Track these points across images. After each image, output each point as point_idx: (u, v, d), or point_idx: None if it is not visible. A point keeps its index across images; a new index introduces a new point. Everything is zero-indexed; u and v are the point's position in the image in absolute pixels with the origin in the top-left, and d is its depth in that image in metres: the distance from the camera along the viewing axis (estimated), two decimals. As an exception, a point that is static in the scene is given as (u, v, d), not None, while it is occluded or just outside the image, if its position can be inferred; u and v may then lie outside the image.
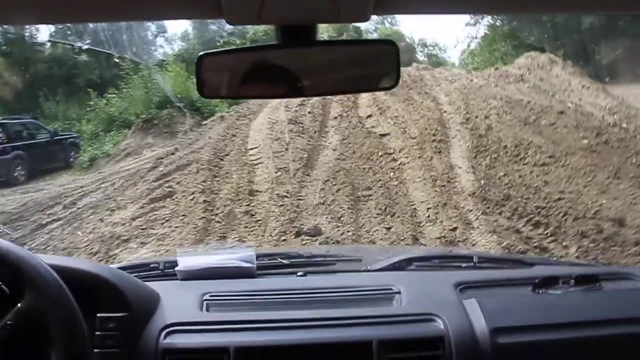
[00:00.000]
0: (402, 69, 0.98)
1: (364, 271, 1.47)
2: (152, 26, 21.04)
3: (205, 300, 1.22)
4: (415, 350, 1.11)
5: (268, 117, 8.69)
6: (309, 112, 8.60)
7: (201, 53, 0.89)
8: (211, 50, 0.90)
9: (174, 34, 22.53)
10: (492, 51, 16.31)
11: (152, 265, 1.47)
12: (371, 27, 26.05)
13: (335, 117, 8.52)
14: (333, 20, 0.80)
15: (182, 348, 1.10)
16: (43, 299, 0.94)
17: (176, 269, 1.39)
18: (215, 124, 9.73)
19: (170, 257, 1.46)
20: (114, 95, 13.58)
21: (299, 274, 1.43)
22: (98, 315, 1.08)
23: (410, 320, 1.16)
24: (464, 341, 1.11)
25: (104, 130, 12.77)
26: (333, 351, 1.11)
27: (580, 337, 1.14)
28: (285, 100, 9.28)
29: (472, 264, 1.48)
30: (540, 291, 1.30)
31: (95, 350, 1.06)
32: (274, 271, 1.47)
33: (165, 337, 1.11)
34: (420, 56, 22.19)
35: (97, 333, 1.07)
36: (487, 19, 16.99)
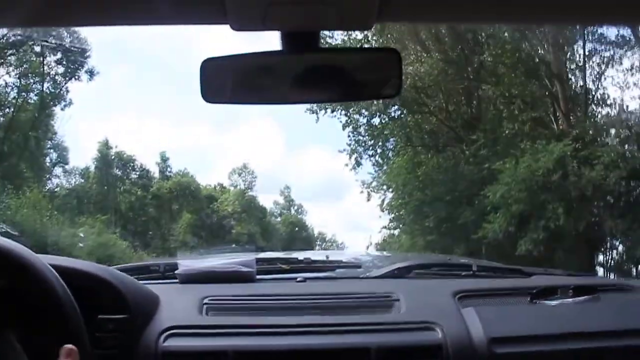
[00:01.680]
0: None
1: (364, 278, 1.53)
2: (54, 154, 18.58)
3: (205, 303, 1.25)
4: (413, 357, 1.13)
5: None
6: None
7: (205, 57, 0.91)
8: (215, 55, 0.91)
9: (75, 167, 20.00)
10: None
11: (152, 268, 1.52)
12: (276, 211, 26.86)
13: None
14: (337, 27, 0.84)
15: (182, 351, 1.12)
16: (44, 299, 0.96)
17: (176, 271, 1.43)
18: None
19: (171, 259, 1.52)
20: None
21: (298, 279, 1.47)
22: (98, 316, 1.10)
23: (409, 328, 1.18)
24: (461, 350, 1.13)
25: None
26: (331, 357, 1.13)
27: (577, 348, 1.15)
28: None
29: (471, 272, 1.53)
30: (538, 301, 1.32)
31: (95, 351, 1.08)
32: (273, 276, 1.52)
33: (164, 340, 1.13)
34: (317, 249, 21.92)
35: (96, 334, 1.09)
36: (406, 227, 15.59)
